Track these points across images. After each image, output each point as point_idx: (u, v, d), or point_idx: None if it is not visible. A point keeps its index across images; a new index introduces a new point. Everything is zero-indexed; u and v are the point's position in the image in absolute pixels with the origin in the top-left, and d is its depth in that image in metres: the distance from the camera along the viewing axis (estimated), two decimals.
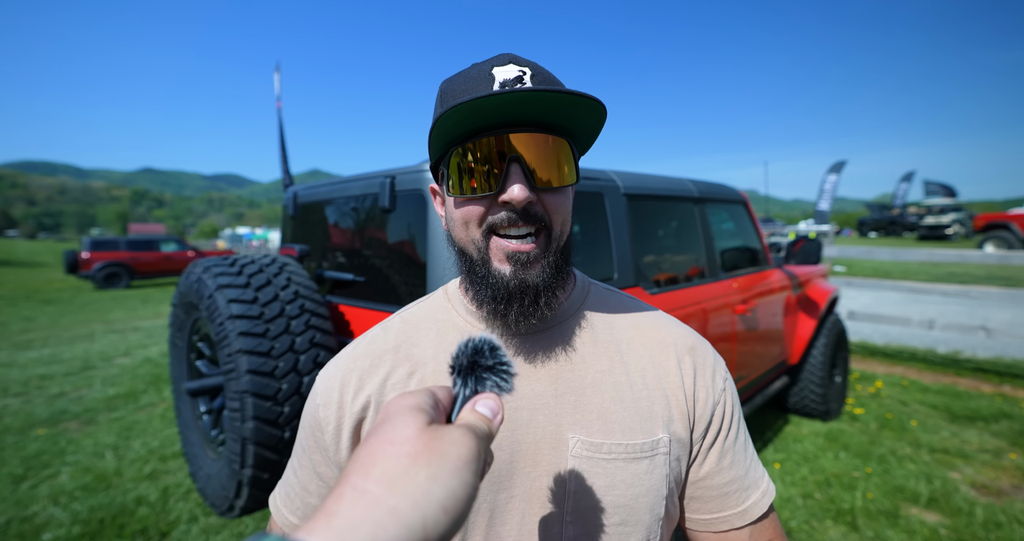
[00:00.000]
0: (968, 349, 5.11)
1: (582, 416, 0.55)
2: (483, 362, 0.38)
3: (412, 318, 0.64)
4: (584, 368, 0.58)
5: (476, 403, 0.36)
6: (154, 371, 4.95)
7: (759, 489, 0.60)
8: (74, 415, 3.79)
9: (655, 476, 0.54)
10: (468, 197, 0.52)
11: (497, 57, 0.54)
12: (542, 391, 0.56)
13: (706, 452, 0.59)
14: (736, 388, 0.63)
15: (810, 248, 3.06)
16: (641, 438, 0.55)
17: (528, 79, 0.51)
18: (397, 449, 0.30)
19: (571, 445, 0.54)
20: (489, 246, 0.53)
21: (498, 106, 0.47)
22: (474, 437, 0.32)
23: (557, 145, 0.52)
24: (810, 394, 3.25)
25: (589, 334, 0.60)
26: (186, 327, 1.89)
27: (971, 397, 3.78)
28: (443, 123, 0.49)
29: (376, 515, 0.26)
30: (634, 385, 0.57)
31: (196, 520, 2.37)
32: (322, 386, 0.60)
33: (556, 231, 0.54)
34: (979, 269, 11.77)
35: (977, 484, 2.56)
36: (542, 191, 0.52)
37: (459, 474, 0.30)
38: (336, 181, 2.06)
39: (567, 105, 0.48)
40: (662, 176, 2.38)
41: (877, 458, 2.85)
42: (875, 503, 2.40)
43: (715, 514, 0.59)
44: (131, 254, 13.73)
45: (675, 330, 0.63)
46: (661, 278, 2.15)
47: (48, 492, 2.64)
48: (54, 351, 5.96)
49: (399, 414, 0.33)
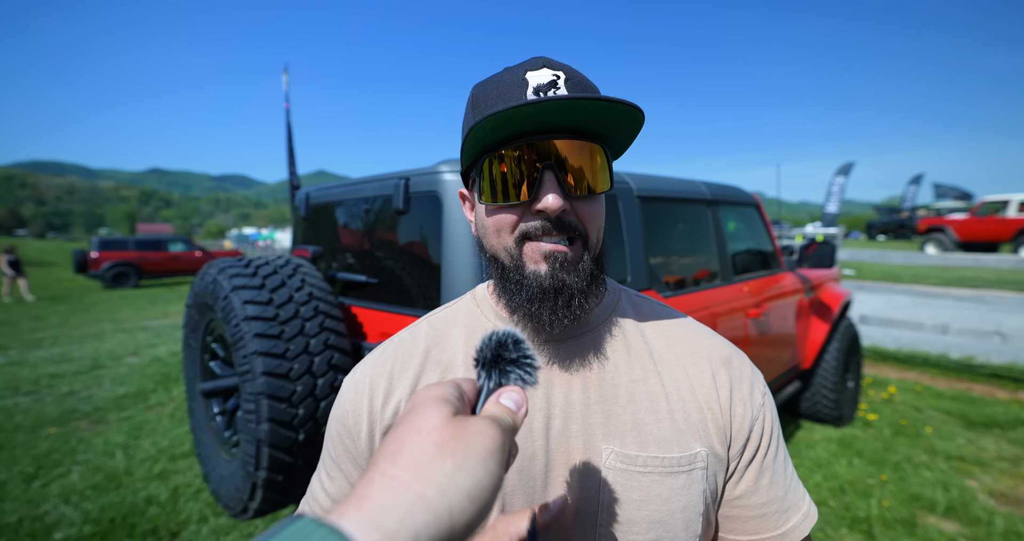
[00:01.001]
0: (982, 354, 5.04)
1: (615, 427, 0.54)
2: (507, 355, 0.38)
3: (440, 322, 0.63)
4: (617, 377, 0.56)
5: (500, 396, 0.36)
6: (163, 370, 4.97)
7: (800, 511, 0.57)
8: (84, 414, 3.81)
9: (692, 492, 0.52)
10: (501, 205, 0.52)
11: (530, 61, 0.53)
12: (574, 400, 0.55)
13: (743, 470, 0.56)
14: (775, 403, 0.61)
15: (823, 251, 3.03)
16: (678, 451, 0.53)
17: (562, 83, 0.50)
18: (424, 438, 0.30)
19: (605, 456, 0.52)
20: (523, 252, 0.53)
21: (533, 114, 0.47)
22: (499, 428, 0.33)
23: (591, 151, 0.51)
24: (823, 399, 3.21)
25: (621, 342, 0.59)
26: (200, 328, 1.89)
27: (986, 403, 3.73)
28: (476, 131, 0.48)
29: (404, 501, 0.27)
30: (669, 396, 0.56)
31: (206, 520, 2.37)
32: (350, 392, 0.59)
33: (592, 239, 0.54)
34: (991, 273, 11.62)
35: (996, 493, 2.52)
36: (576, 199, 0.52)
37: (485, 464, 0.30)
38: (349, 182, 2.06)
39: (603, 112, 0.48)
40: (675, 178, 2.37)
41: (892, 465, 2.81)
42: (891, 511, 2.36)
43: (752, 536, 0.56)
44: (139, 254, 13.86)
45: (709, 341, 0.61)
46: (673, 281, 2.13)
47: (59, 491, 2.65)
48: (64, 350, 6.01)
49: (426, 404, 0.33)
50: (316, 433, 1.47)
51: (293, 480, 1.49)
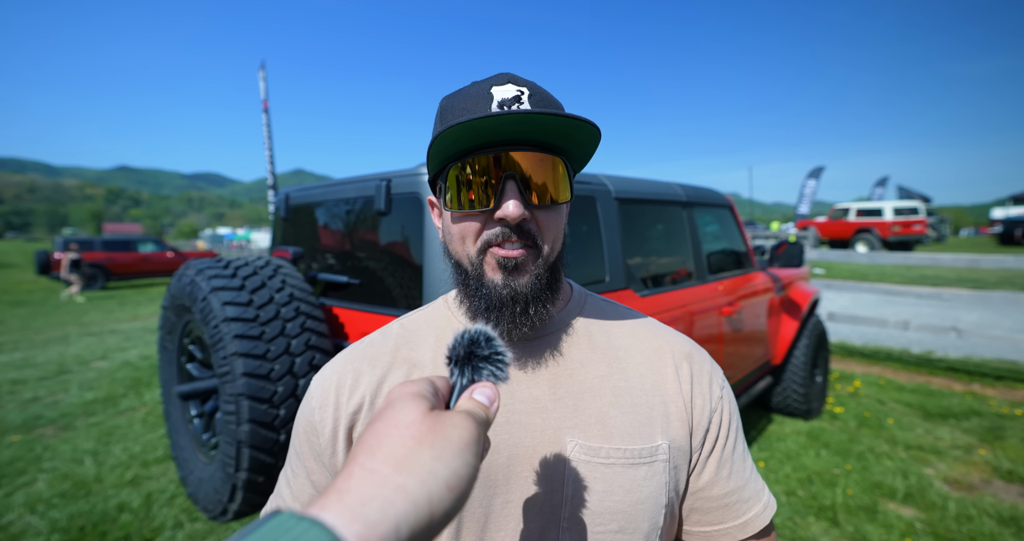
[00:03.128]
0: (940, 349, 5.31)
1: (580, 420, 0.55)
2: (479, 352, 0.40)
3: (411, 324, 0.65)
4: (583, 373, 0.58)
5: (473, 391, 0.38)
6: (134, 375, 4.82)
7: (760, 502, 0.60)
8: (50, 420, 3.67)
9: (654, 483, 0.54)
10: (465, 212, 0.54)
11: (496, 76, 0.56)
12: (540, 395, 0.56)
13: (705, 461, 0.59)
14: (735, 397, 0.64)
15: (793, 251, 3.15)
16: (640, 443, 0.55)
17: (526, 99, 0.53)
18: (402, 432, 0.32)
19: (569, 449, 0.54)
20: (484, 260, 0.54)
21: (495, 126, 0.49)
22: (474, 421, 0.34)
23: (552, 164, 0.54)
24: (793, 394, 3.34)
25: (587, 341, 0.61)
26: (177, 330, 1.86)
27: (943, 395, 3.93)
28: (441, 141, 0.51)
29: (385, 492, 0.28)
30: (632, 391, 0.58)
31: (181, 526, 2.32)
32: (317, 389, 0.60)
33: (546, 248, 0.55)
34: (950, 272, 12.21)
35: (950, 479, 2.67)
36: (536, 208, 0.54)
37: (461, 455, 0.31)
38: (329, 183, 2.05)
39: (562, 126, 0.50)
40: (651, 180, 2.43)
41: (856, 455, 2.95)
42: (855, 499, 2.48)
43: (715, 526, 0.58)
44: (107, 255, 13.34)
45: (672, 338, 0.64)
46: (650, 280, 2.20)
47: (24, 500, 2.56)
48: (26, 355, 5.76)
49: (402, 400, 0.34)
50: None
51: (274, 481, 1.49)
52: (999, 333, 4.27)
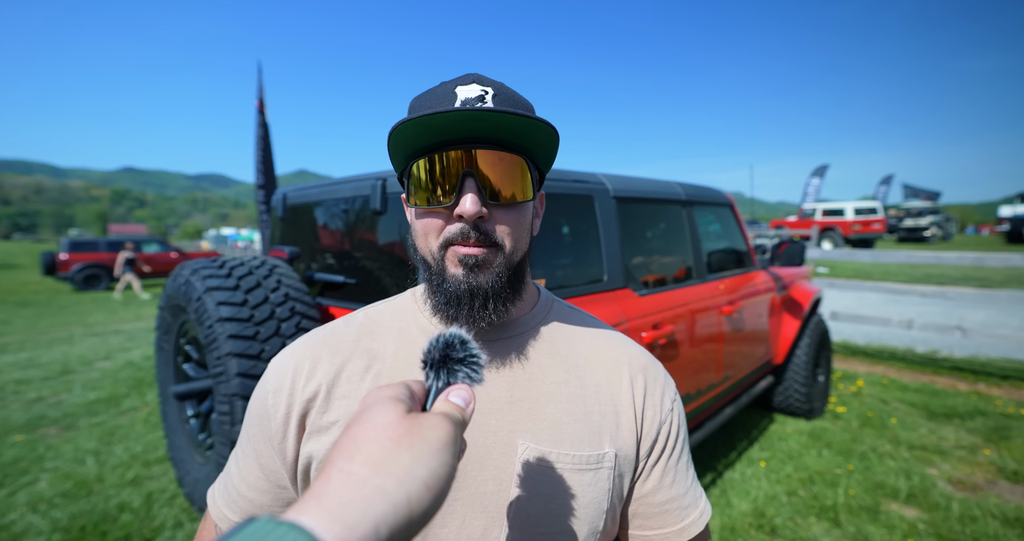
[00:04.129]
0: (945, 348, 5.27)
1: (534, 424, 0.56)
2: (454, 355, 0.40)
3: (377, 315, 0.64)
4: (541, 378, 0.58)
5: (449, 394, 0.38)
6: (136, 375, 4.84)
7: (697, 509, 0.62)
8: (53, 420, 3.69)
9: (598, 489, 0.55)
10: (426, 209, 0.54)
11: (462, 77, 0.56)
12: (497, 397, 0.57)
13: (651, 469, 0.60)
14: (684, 410, 0.65)
15: (794, 250, 3.13)
16: (588, 450, 0.56)
17: (489, 99, 0.53)
18: (380, 434, 0.32)
19: (519, 451, 0.54)
20: (445, 256, 0.55)
21: (450, 123, 0.49)
22: (450, 422, 0.34)
23: (512, 162, 0.53)
24: (794, 393, 3.31)
25: (548, 347, 0.61)
26: (173, 330, 1.86)
27: (948, 395, 3.90)
28: (396, 137, 0.51)
29: (364, 494, 0.28)
30: (587, 398, 0.59)
31: (181, 526, 2.33)
32: (273, 372, 0.59)
33: (508, 247, 0.55)
34: (955, 270, 12.12)
35: (953, 480, 2.64)
36: (495, 206, 0.53)
37: (439, 455, 0.32)
38: (326, 183, 2.05)
39: (520, 125, 0.50)
40: (650, 179, 2.42)
41: (859, 455, 2.92)
42: (857, 499, 2.46)
43: (656, 530, 0.60)
44: (112, 255, 13.41)
45: (631, 350, 0.65)
46: (650, 279, 2.18)
47: (27, 499, 2.57)
48: (31, 355, 5.80)
49: (378, 403, 0.34)
50: None
51: None
52: (1005, 332, 4.23)
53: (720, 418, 2.52)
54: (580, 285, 1.78)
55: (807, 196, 20.55)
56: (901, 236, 24.69)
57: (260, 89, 5.31)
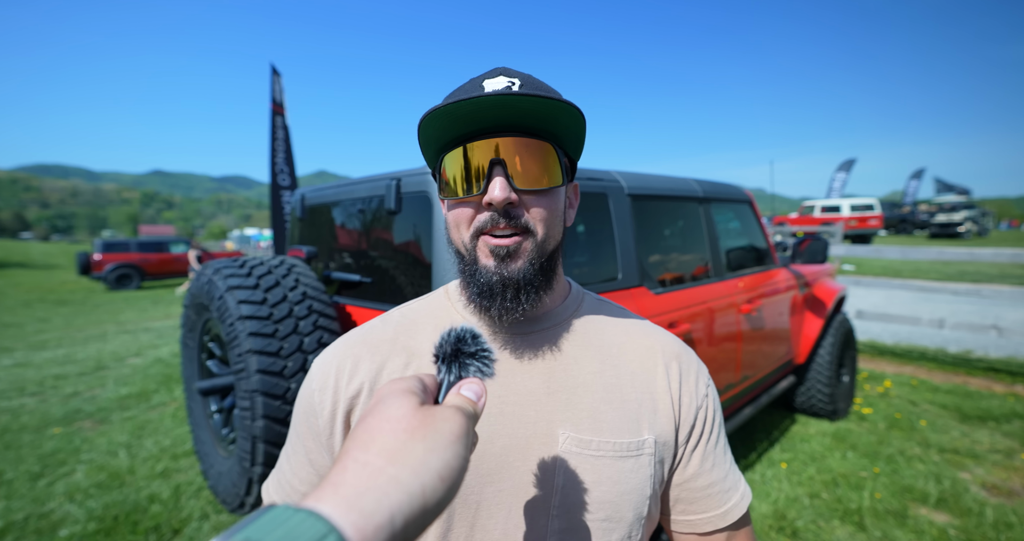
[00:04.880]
0: (980, 348, 5.05)
1: (573, 414, 0.57)
2: (466, 349, 0.41)
3: (411, 313, 0.66)
4: (576, 369, 0.59)
5: (461, 387, 0.39)
6: (165, 371, 5.02)
7: (738, 492, 0.63)
8: (88, 414, 3.86)
9: (640, 475, 0.56)
10: (458, 200, 0.55)
11: (490, 71, 0.57)
12: (534, 388, 0.58)
13: (690, 455, 0.61)
14: (719, 397, 0.67)
15: (816, 247, 3.05)
16: (628, 437, 0.57)
17: (516, 89, 0.53)
18: (394, 425, 0.33)
19: (561, 441, 0.55)
20: (477, 246, 0.55)
21: (474, 112, 0.50)
22: (463, 415, 0.35)
23: (540, 149, 0.54)
24: (817, 394, 3.23)
25: (582, 338, 0.62)
26: (197, 328, 1.92)
27: (982, 397, 3.74)
28: (425, 130, 0.52)
29: (379, 483, 0.29)
30: (623, 387, 0.59)
31: (207, 517, 2.41)
32: (318, 371, 0.62)
33: (540, 234, 0.55)
34: (992, 267, 11.60)
35: (988, 484, 2.54)
36: (524, 193, 0.54)
37: (453, 447, 0.32)
38: (343, 183, 2.09)
39: (544, 109, 0.50)
40: (666, 176, 2.39)
41: (885, 458, 2.83)
42: (883, 503, 2.39)
43: (699, 515, 0.61)
44: (142, 255, 13.93)
45: (663, 338, 0.66)
46: (666, 278, 2.16)
47: (64, 489, 2.70)
48: (68, 351, 6.07)
49: (392, 395, 0.35)
50: None
51: None
52: None
53: (739, 419, 2.48)
54: (594, 283, 1.77)
55: (832, 191, 20.01)
56: (933, 232, 23.75)
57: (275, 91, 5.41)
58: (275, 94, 5.44)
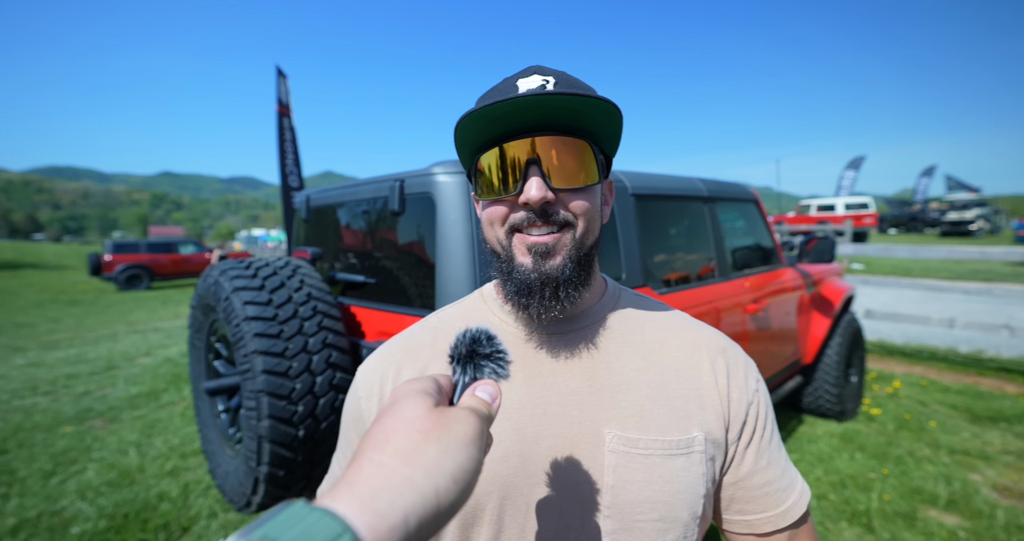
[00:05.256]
0: (991, 348, 4.98)
1: (618, 412, 0.56)
2: (481, 350, 0.41)
3: (448, 318, 0.67)
4: (619, 367, 0.59)
5: (476, 389, 0.39)
6: (174, 370, 5.08)
7: (796, 489, 0.61)
8: (99, 413, 3.92)
9: (692, 474, 0.55)
10: (493, 199, 0.56)
11: (524, 70, 0.57)
12: (577, 387, 0.57)
13: (743, 452, 0.59)
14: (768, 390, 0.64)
15: (823, 246, 3.02)
16: (676, 435, 0.55)
17: (551, 87, 0.53)
18: (409, 426, 0.33)
19: (607, 440, 0.55)
20: (512, 243, 0.56)
21: (510, 112, 0.51)
22: (477, 417, 0.35)
23: (576, 146, 0.54)
24: (825, 394, 3.20)
25: (622, 335, 0.62)
26: (204, 328, 1.94)
27: (994, 397, 3.69)
28: (462, 132, 0.53)
29: (393, 484, 0.29)
30: (668, 384, 0.58)
31: (215, 516, 2.44)
32: (363, 379, 0.63)
33: (580, 228, 0.55)
34: (1004, 266, 11.43)
35: (999, 486, 2.50)
36: (561, 191, 0.54)
37: (466, 449, 0.32)
38: (347, 184, 2.10)
39: (578, 106, 0.50)
40: (671, 176, 2.38)
41: (894, 459, 2.80)
42: (891, 505, 2.36)
43: (758, 515, 0.59)
44: (151, 256, 14.09)
45: (706, 332, 0.65)
46: (671, 278, 2.15)
47: (76, 487, 2.74)
48: (79, 351, 6.16)
49: (407, 396, 0.35)
50: (315, 429, 1.51)
51: (294, 475, 1.54)
52: None
53: None
54: None
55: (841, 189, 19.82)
56: (944, 230, 23.42)
57: (281, 93, 5.45)
58: (281, 96, 5.48)
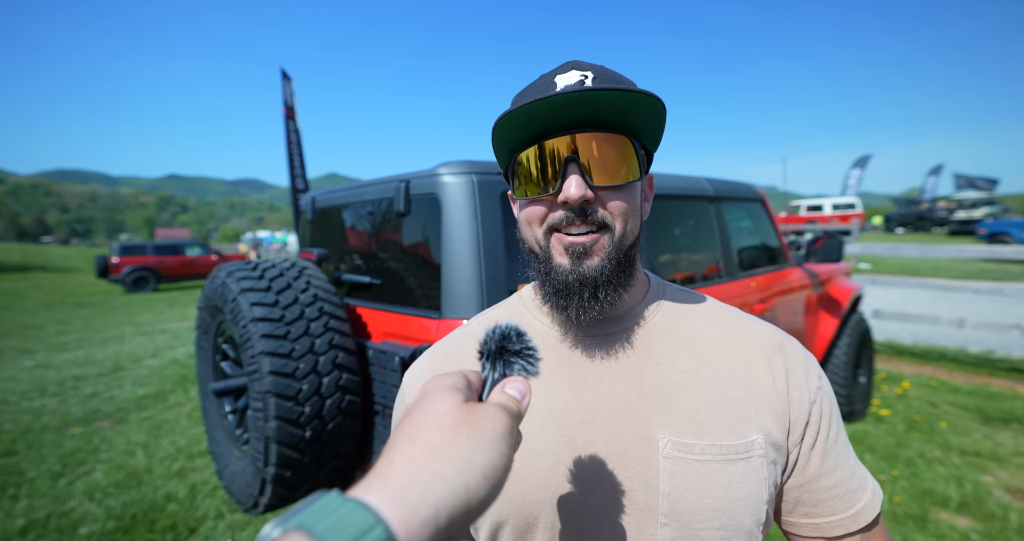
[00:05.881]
0: (1002, 348, 4.92)
1: (670, 416, 0.54)
2: (510, 347, 0.40)
3: (488, 322, 0.67)
4: (668, 368, 0.57)
5: (505, 385, 0.38)
6: (181, 372, 5.11)
7: (868, 489, 0.58)
8: (107, 414, 3.94)
9: (753, 479, 0.52)
10: (531, 199, 0.55)
11: (562, 66, 0.55)
12: (625, 391, 0.56)
13: (808, 454, 0.56)
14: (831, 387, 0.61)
15: (831, 246, 2.99)
16: (734, 439, 0.53)
17: (589, 82, 0.52)
18: (439, 421, 0.32)
19: (661, 446, 0.53)
20: (551, 243, 0.55)
21: (549, 110, 0.49)
22: (507, 413, 0.35)
23: (616, 143, 0.52)
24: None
25: (669, 335, 0.59)
26: (211, 330, 1.95)
27: (1006, 398, 3.64)
28: (500, 131, 0.52)
29: (424, 478, 0.29)
30: (721, 385, 0.56)
31: (223, 516, 2.44)
32: (409, 386, 0.64)
33: (618, 229, 0.54)
34: (1015, 265, 11.30)
35: (1012, 488, 2.47)
36: (601, 190, 0.53)
37: (496, 445, 0.32)
38: (352, 186, 2.10)
39: (620, 102, 0.49)
40: (676, 175, 2.36)
41: (904, 461, 2.77)
42: (902, 507, 2.33)
43: (827, 518, 0.56)
44: (158, 258, 14.19)
45: (760, 328, 0.61)
46: (677, 278, 2.14)
47: (84, 488, 2.76)
48: (87, 353, 6.21)
49: (438, 391, 0.35)
50: (322, 430, 1.51)
51: (301, 476, 1.54)
52: None
53: None
54: None
55: (847, 188, 19.69)
56: (953, 229, 23.19)
57: (287, 96, 5.48)
58: (286, 98, 5.51)
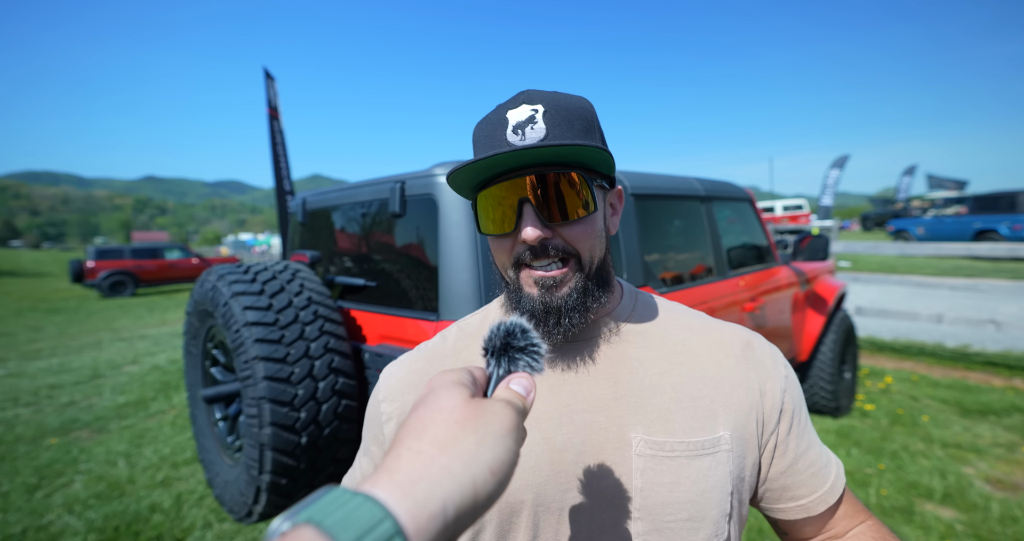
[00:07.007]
0: (977, 343, 5.09)
1: (643, 416, 0.57)
2: (515, 343, 0.40)
3: (469, 327, 0.68)
4: (641, 371, 0.60)
5: (510, 382, 0.39)
6: (163, 378, 4.97)
7: (832, 462, 0.63)
8: (85, 424, 3.81)
9: (719, 472, 0.56)
10: (494, 235, 0.58)
11: (514, 98, 0.57)
12: (602, 394, 0.59)
13: (786, 439, 0.61)
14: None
15: (817, 244, 3.06)
16: (702, 436, 0.57)
17: (539, 118, 0.54)
18: (446, 416, 0.33)
19: (634, 444, 0.56)
20: (519, 276, 0.58)
21: (495, 163, 0.52)
22: (513, 409, 0.35)
23: (569, 180, 0.55)
24: (820, 391, 3.24)
25: (643, 339, 0.63)
26: (201, 335, 1.90)
27: (982, 391, 3.77)
28: (454, 180, 0.55)
29: (432, 472, 0.29)
30: (692, 385, 0.59)
31: (210, 526, 2.38)
32: (385, 384, 0.66)
33: (584, 257, 0.57)
34: (986, 262, 11.71)
35: (992, 479, 2.55)
36: (559, 226, 0.55)
37: (503, 441, 0.32)
38: (345, 187, 2.07)
39: (564, 150, 0.51)
40: (668, 175, 2.39)
41: (890, 454, 2.84)
42: (889, 499, 2.39)
43: (810, 496, 0.61)
44: (136, 262, 13.80)
45: (728, 328, 0.66)
46: (669, 277, 2.15)
47: (62, 501, 2.65)
48: (62, 360, 5.99)
49: (444, 387, 0.36)
50: (318, 436, 1.48)
51: (297, 483, 1.50)
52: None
53: None
54: None
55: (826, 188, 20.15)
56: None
57: (270, 96, 5.38)
58: (270, 98, 5.41)
